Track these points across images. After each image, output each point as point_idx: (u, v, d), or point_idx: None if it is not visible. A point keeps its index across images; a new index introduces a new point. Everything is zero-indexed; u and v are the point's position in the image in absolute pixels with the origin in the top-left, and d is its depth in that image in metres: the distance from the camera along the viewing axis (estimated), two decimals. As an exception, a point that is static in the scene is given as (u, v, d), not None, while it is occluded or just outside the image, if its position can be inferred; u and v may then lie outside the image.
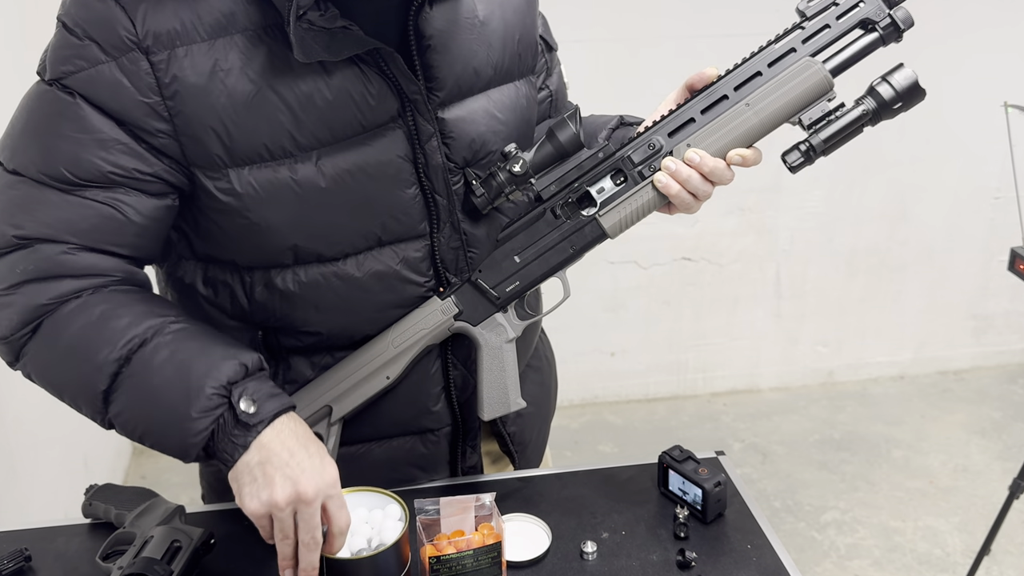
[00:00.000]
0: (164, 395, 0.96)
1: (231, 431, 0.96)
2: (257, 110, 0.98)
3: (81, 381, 0.99)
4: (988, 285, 3.35)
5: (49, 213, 0.99)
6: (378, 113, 1.04)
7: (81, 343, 0.98)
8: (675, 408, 3.29)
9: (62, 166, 0.98)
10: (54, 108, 0.98)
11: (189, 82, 0.96)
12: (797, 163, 1.07)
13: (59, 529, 1.20)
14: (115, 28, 0.95)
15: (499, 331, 1.13)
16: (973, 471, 2.90)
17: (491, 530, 1.07)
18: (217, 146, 0.99)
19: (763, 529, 1.17)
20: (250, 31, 0.97)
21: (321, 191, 1.03)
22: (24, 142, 1.00)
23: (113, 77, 0.96)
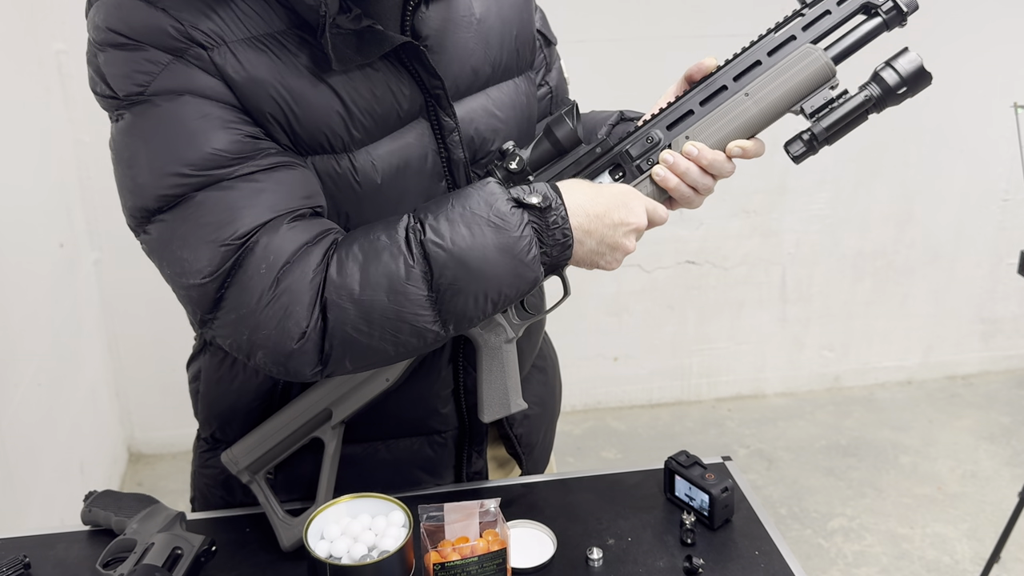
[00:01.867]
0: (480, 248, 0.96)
1: (546, 222, 0.98)
2: (313, 101, 0.98)
3: (403, 322, 0.96)
4: (997, 288, 3.36)
5: (240, 204, 0.94)
6: (411, 106, 1.05)
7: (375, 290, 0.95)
8: (679, 414, 3.29)
9: (209, 149, 0.94)
10: (156, 118, 0.95)
11: (247, 75, 0.96)
12: (800, 153, 1.06)
13: (58, 536, 1.20)
14: (165, 29, 0.94)
15: (498, 331, 1.13)
16: (982, 477, 2.90)
17: (496, 536, 1.08)
18: (282, 136, 0.99)
19: (771, 535, 1.18)
20: (289, 32, 0.98)
21: (377, 187, 1.04)
22: (158, 164, 0.95)
23: (186, 71, 0.94)
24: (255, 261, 0.94)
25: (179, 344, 1.28)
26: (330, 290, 0.95)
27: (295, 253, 0.95)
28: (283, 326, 0.94)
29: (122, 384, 2.97)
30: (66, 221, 2.61)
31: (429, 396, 1.20)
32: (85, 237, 2.74)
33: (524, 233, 0.97)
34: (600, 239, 1.02)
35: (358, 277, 0.95)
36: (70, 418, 2.50)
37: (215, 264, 0.94)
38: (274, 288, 0.94)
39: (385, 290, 0.95)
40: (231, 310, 0.96)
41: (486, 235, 0.96)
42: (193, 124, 0.94)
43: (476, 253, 0.96)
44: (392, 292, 0.95)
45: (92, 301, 2.78)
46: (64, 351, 2.51)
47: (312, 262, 0.96)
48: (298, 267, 0.95)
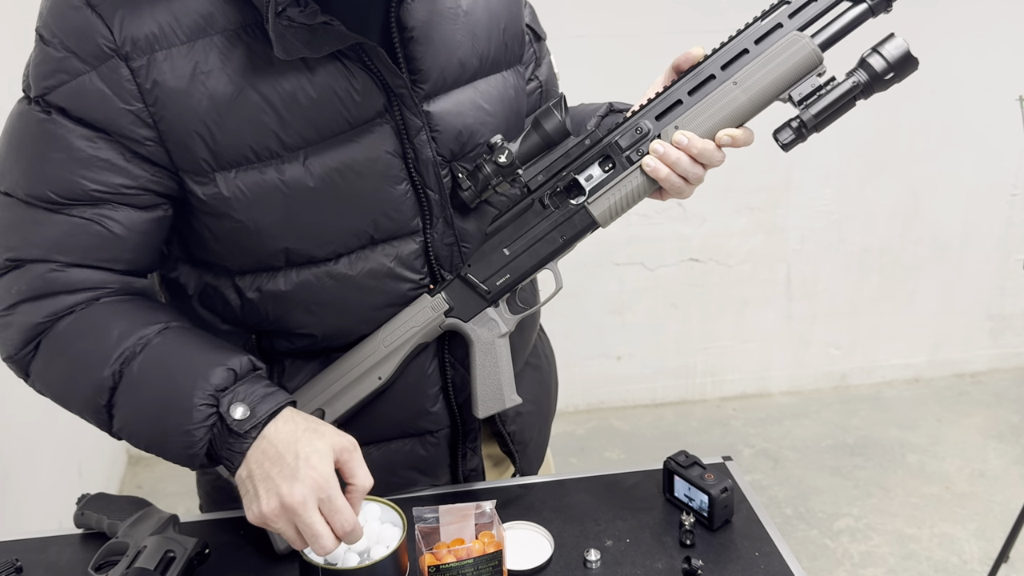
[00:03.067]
0: (157, 409, 0.98)
1: (226, 440, 0.97)
2: (240, 111, 0.99)
3: (84, 396, 1.02)
4: (1005, 284, 3.35)
5: (37, 233, 1.01)
6: (364, 109, 1.04)
7: (78, 360, 1.01)
8: (683, 413, 3.29)
9: (47, 188, 1.00)
10: (37, 129, 1.00)
11: (170, 86, 0.97)
12: (789, 140, 1.07)
13: (51, 539, 1.21)
14: (93, 37, 0.95)
15: (491, 326, 1.13)
16: (990, 476, 2.89)
17: (492, 538, 1.08)
18: (203, 150, 1.00)
19: (771, 536, 1.17)
20: (229, 31, 0.98)
21: (310, 191, 1.04)
22: (11, 164, 1.02)
23: (95, 87, 0.97)
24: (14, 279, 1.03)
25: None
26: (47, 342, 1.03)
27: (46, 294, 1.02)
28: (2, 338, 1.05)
29: (121, 386, 2.97)
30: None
31: (417, 396, 1.20)
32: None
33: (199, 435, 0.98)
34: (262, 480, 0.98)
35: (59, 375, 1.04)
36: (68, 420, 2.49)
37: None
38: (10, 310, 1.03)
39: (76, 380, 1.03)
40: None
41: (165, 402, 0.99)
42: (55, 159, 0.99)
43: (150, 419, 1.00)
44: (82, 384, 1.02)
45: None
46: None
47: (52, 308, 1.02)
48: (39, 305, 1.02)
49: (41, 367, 1.04)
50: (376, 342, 1.13)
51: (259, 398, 0.98)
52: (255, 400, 0.97)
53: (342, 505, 0.95)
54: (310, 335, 1.14)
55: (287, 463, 0.95)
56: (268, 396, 0.98)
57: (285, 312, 1.11)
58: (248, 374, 1.00)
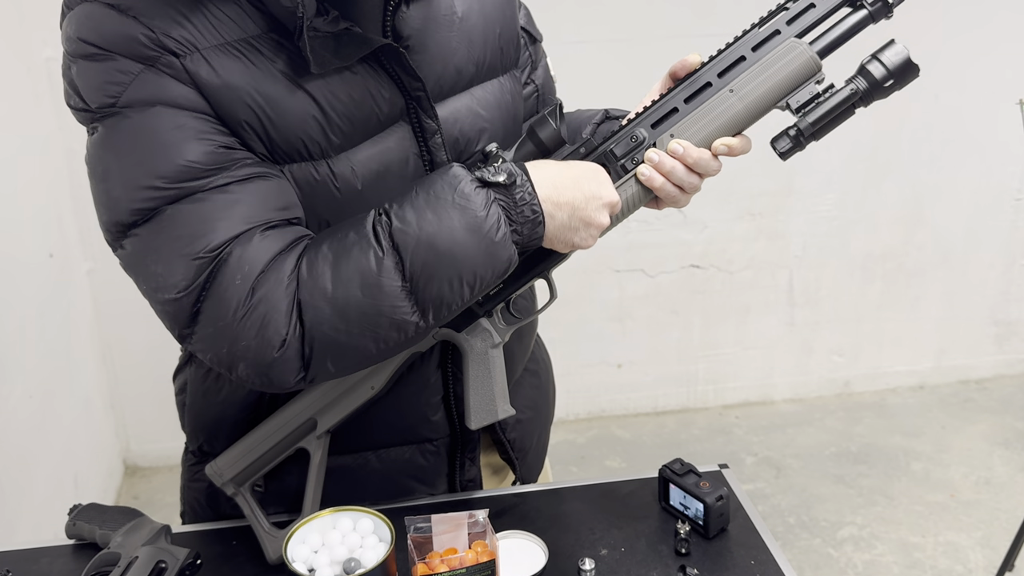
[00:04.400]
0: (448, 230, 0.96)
1: (513, 199, 0.99)
2: (290, 107, 0.99)
3: (381, 317, 0.96)
4: (1010, 290, 3.35)
5: (214, 216, 0.95)
6: (392, 109, 1.06)
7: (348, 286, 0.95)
8: (685, 421, 3.29)
9: (181, 161, 0.94)
10: (128, 130, 0.95)
11: (221, 81, 0.96)
12: (786, 149, 1.06)
13: (43, 550, 1.21)
14: (137, 38, 0.94)
15: (484, 336, 1.13)
16: (996, 484, 2.89)
17: (485, 547, 1.08)
18: (258, 144, 1.00)
19: (767, 544, 1.18)
20: (264, 36, 0.99)
21: (358, 193, 1.05)
22: (132, 177, 0.95)
23: (158, 81, 0.95)
24: (229, 273, 0.95)
25: (175, 355, 1.29)
26: (304, 292, 0.96)
27: (269, 263, 0.96)
28: (262, 335, 0.95)
29: (117, 396, 2.98)
30: (57, 231, 2.62)
31: (419, 404, 1.20)
32: (78, 247, 2.75)
33: (491, 212, 0.98)
34: (571, 212, 1.03)
35: (330, 275, 0.96)
36: (63, 431, 2.52)
37: (189, 278, 0.95)
38: (250, 299, 0.95)
39: (358, 285, 0.95)
40: (208, 323, 0.96)
41: (452, 217, 0.97)
42: (165, 136, 0.95)
43: (444, 236, 0.96)
44: (366, 286, 0.95)
45: (85, 311, 2.80)
46: (57, 363, 2.52)
47: (286, 269, 0.96)
48: (272, 275, 0.96)
49: (317, 325, 0.95)
50: None
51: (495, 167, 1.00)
52: (491, 170, 1.00)
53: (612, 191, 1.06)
54: None
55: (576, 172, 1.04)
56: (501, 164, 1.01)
57: None
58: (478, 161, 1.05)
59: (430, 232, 0.96)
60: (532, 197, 1.00)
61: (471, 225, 0.97)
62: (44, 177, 2.56)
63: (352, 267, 0.96)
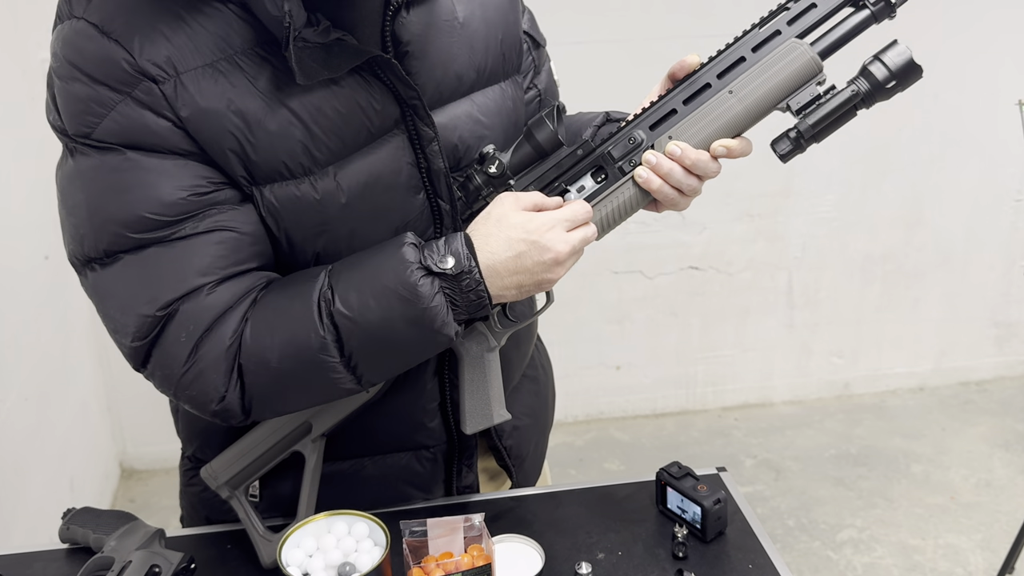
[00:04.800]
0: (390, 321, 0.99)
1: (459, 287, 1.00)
2: (270, 127, 0.99)
3: (319, 383, 1.02)
4: (1011, 291, 3.34)
5: (166, 271, 0.99)
6: (384, 120, 1.05)
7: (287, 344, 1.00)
8: (684, 423, 3.29)
9: (146, 213, 0.97)
10: (102, 172, 0.97)
11: (200, 107, 0.96)
12: (786, 151, 1.05)
13: (36, 555, 1.21)
14: (117, 63, 0.94)
15: (480, 340, 1.13)
16: (996, 486, 2.89)
17: (481, 552, 1.08)
18: (239, 167, 1.00)
19: (765, 548, 1.18)
20: (250, 51, 0.98)
21: (343, 206, 1.05)
22: (98, 220, 0.98)
23: (135, 113, 0.95)
24: (175, 330, 1.00)
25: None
26: (245, 357, 1.01)
27: (214, 321, 1.00)
28: (203, 389, 1.01)
29: (114, 398, 2.98)
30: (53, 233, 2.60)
31: (415, 410, 1.20)
32: (74, 248, 2.74)
33: (435, 302, 1.00)
34: (519, 284, 1.03)
35: (272, 347, 1.00)
36: (60, 433, 2.51)
37: (142, 331, 1.00)
38: (193, 355, 1.00)
39: (298, 359, 1.00)
40: (156, 369, 1.03)
41: (394, 308, 0.99)
42: (134, 185, 0.97)
43: (385, 327, 1.00)
44: (306, 360, 1.00)
45: (82, 314, 2.79)
46: (53, 365, 2.52)
47: (229, 328, 1.00)
48: (216, 334, 1.00)
49: (257, 387, 1.01)
50: None
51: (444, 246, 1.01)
52: (440, 251, 1.01)
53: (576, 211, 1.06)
54: None
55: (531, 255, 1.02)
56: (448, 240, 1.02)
57: None
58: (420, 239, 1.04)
59: (371, 320, 0.99)
60: (478, 284, 1.01)
61: (413, 317, 1.00)
62: (40, 179, 2.55)
63: (294, 342, 1.00)
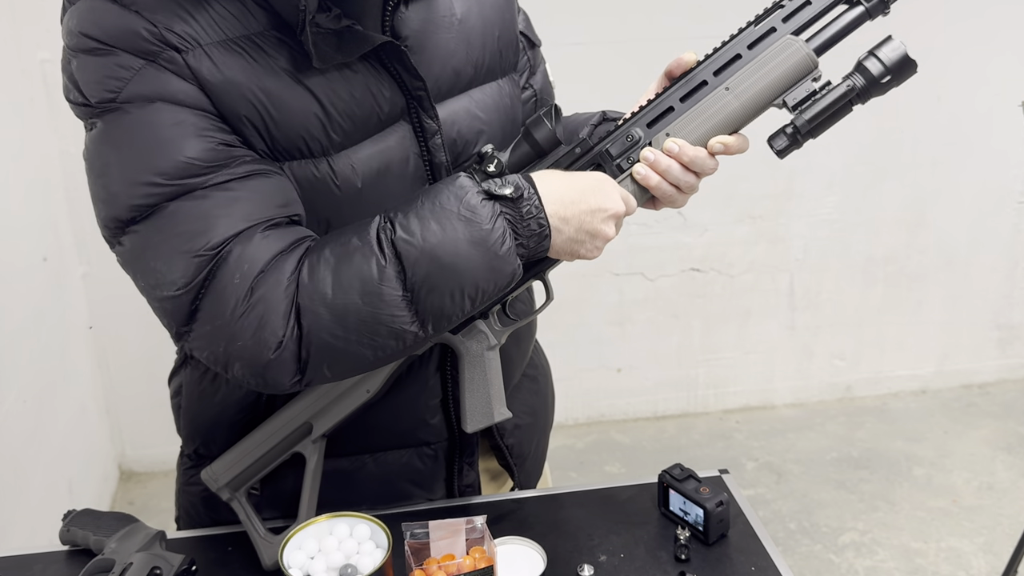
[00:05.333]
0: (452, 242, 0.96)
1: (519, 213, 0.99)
2: (291, 104, 0.99)
3: (380, 326, 0.96)
4: (1013, 294, 3.35)
5: (214, 214, 0.95)
6: (392, 108, 1.06)
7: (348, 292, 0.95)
8: (685, 426, 3.29)
9: (181, 158, 0.94)
10: (128, 126, 0.95)
11: (222, 77, 0.97)
12: (783, 147, 1.07)
13: (36, 556, 1.21)
14: (139, 32, 0.94)
15: (480, 338, 1.13)
16: (999, 489, 2.89)
17: (483, 554, 1.08)
18: (259, 141, 1.00)
19: (768, 550, 1.18)
20: (267, 33, 0.99)
21: (357, 191, 1.05)
22: (131, 172, 0.95)
23: (159, 76, 0.95)
24: (228, 271, 0.95)
25: (171, 359, 1.29)
26: (303, 296, 0.96)
27: (269, 262, 0.96)
28: (259, 336, 0.95)
29: (112, 400, 2.98)
30: (52, 235, 2.62)
31: (417, 406, 1.20)
32: (72, 250, 2.75)
33: (496, 225, 0.98)
34: (578, 226, 1.03)
35: (330, 280, 0.96)
36: (58, 436, 2.51)
37: (188, 275, 0.95)
38: (248, 298, 0.95)
39: (359, 292, 0.95)
40: (206, 321, 0.96)
41: (457, 229, 0.97)
42: (165, 132, 0.95)
43: (448, 248, 0.96)
44: (366, 294, 0.95)
45: (80, 315, 2.79)
46: (51, 367, 2.52)
47: (286, 270, 0.96)
48: (272, 276, 0.96)
49: (316, 329, 0.95)
50: None
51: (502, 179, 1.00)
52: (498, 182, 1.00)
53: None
54: None
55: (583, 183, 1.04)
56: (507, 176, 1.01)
57: None
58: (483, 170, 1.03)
59: (433, 243, 0.96)
60: (539, 211, 1.00)
61: (476, 238, 0.97)
62: (39, 180, 2.56)
63: (353, 273, 0.96)
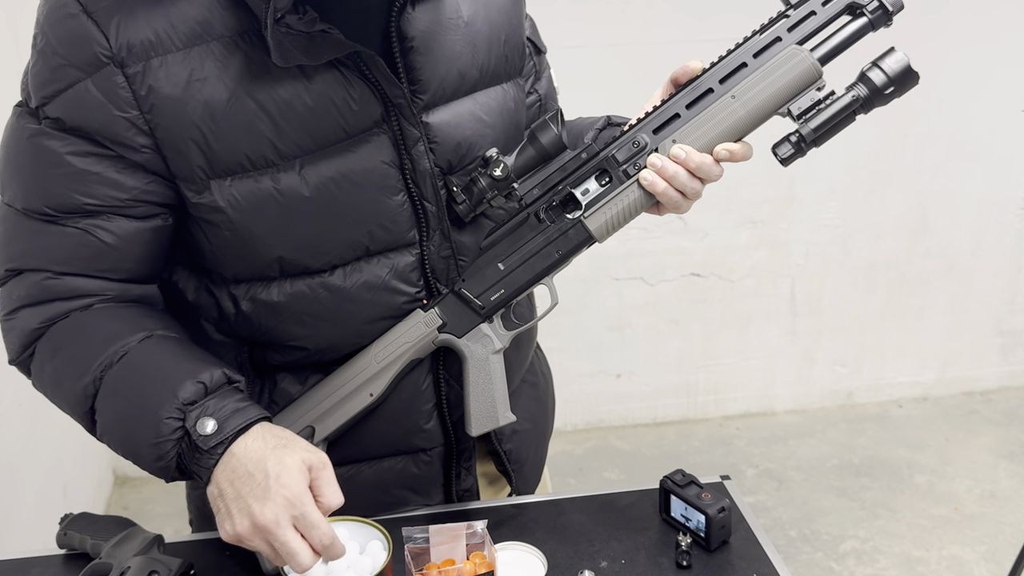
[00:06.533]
0: (129, 420, 1.02)
1: (193, 455, 0.99)
2: (235, 118, 1.01)
3: (71, 400, 1.07)
4: (1016, 300, 3.36)
5: (34, 243, 1.06)
6: (361, 118, 1.06)
7: (66, 364, 1.06)
8: (685, 432, 3.29)
9: (42, 202, 1.04)
10: (28, 144, 1.04)
11: (165, 93, 0.99)
12: (788, 155, 1.08)
13: (33, 560, 1.21)
14: (89, 44, 0.98)
15: (485, 342, 1.14)
16: (1001, 497, 2.90)
17: (483, 559, 1.09)
18: (198, 157, 1.02)
19: (770, 557, 1.18)
20: (226, 38, 1.00)
21: (305, 200, 1.06)
22: (9, 175, 1.07)
23: (91, 95, 0.99)
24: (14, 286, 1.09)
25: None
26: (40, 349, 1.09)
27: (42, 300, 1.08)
28: (9, 343, 1.12)
29: (107, 404, 2.97)
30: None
31: (411, 412, 1.21)
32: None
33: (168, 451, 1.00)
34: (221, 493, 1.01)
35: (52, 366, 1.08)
36: (53, 439, 2.51)
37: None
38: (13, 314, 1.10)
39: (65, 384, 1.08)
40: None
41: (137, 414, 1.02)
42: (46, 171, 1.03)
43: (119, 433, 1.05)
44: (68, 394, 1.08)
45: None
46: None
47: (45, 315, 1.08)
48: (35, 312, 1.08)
49: (37, 369, 1.10)
50: (368, 358, 1.15)
51: (229, 413, 0.99)
52: (224, 415, 0.99)
53: (318, 520, 0.96)
54: (302, 348, 1.15)
55: (257, 481, 0.96)
56: (238, 411, 1.00)
57: (278, 323, 1.13)
58: (220, 387, 1.02)
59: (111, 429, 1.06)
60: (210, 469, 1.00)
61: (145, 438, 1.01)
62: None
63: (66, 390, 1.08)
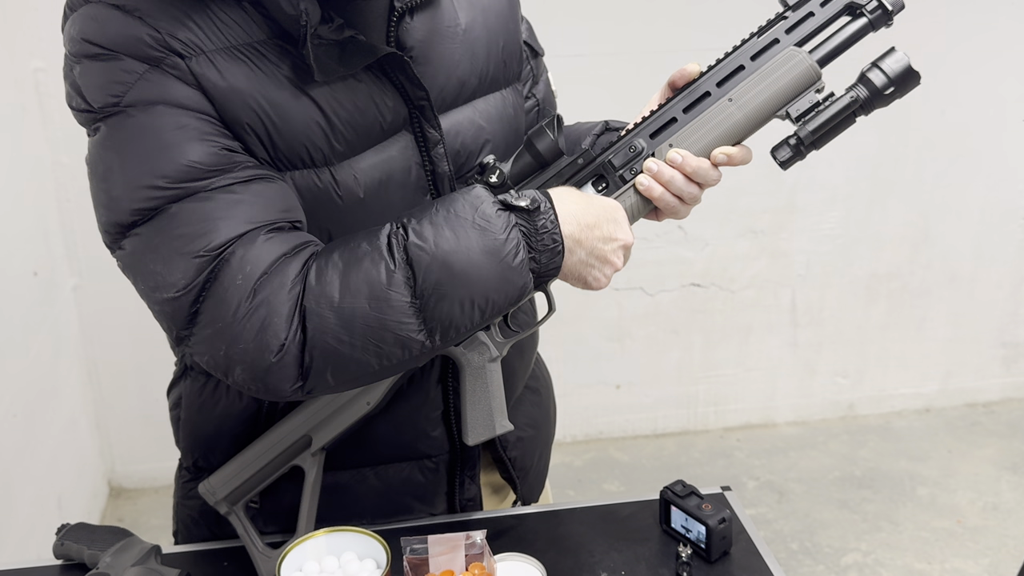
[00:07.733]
0: (465, 250, 0.97)
1: (534, 225, 1.00)
2: (294, 114, 1.01)
3: (386, 332, 0.96)
4: (1018, 311, 3.36)
5: (216, 216, 0.96)
6: (395, 118, 1.08)
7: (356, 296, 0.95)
8: (685, 444, 3.29)
9: (183, 161, 0.95)
10: (131, 129, 0.97)
11: (226, 84, 0.98)
12: (786, 158, 1.08)
13: (29, 570, 1.22)
14: (142, 38, 0.96)
15: (481, 350, 1.14)
16: (1004, 510, 2.90)
17: (482, 570, 1.09)
18: (261, 150, 1.01)
19: (771, 568, 1.19)
20: (269, 42, 1.01)
21: (359, 201, 1.07)
22: (133, 175, 0.96)
23: (162, 81, 0.97)
24: (231, 272, 0.95)
25: (162, 373, 1.30)
26: (309, 299, 0.96)
27: (272, 265, 0.97)
28: (261, 339, 0.95)
29: (102, 415, 2.98)
30: (43, 247, 2.63)
31: (418, 418, 1.22)
32: (64, 262, 2.76)
33: (510, 236, 0.99)
34: (590, 250, 1.04)
35: (338, 284, 0.96)
36: (47, 451, 2.51)
37: (189, 276, 0.96)
38: (251, 299, 0.95)
39: (366, 296, 0.96)
40: (207, 324, 0.97)
41: (471, 237, 0.97)
42: (168, 136, 0.96)
43: (460, 256, 0.97)
44: (374, 299, 0.96)
45: (71, 328, 2.80)
46: (41, 381, 2.52)
47: (290, 272, 0.97)
48: (276, 278, 0.96)
49: (321, 334, 0.95)
50: None
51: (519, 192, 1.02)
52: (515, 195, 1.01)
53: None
54: None
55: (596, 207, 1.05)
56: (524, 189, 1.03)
57: None
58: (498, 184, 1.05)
59: (446, 250, 0.97)
60: (554, 226, 1.01)
61: (489, 248, 0.98)
62: (30, 192, 2.57)
63: (362, 277, 0.96)
